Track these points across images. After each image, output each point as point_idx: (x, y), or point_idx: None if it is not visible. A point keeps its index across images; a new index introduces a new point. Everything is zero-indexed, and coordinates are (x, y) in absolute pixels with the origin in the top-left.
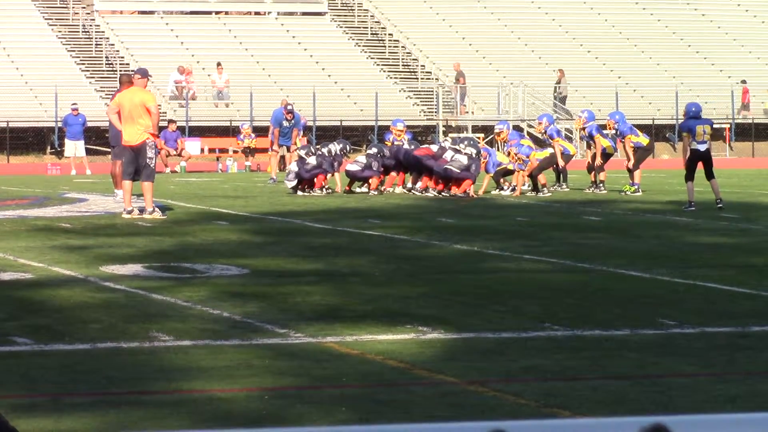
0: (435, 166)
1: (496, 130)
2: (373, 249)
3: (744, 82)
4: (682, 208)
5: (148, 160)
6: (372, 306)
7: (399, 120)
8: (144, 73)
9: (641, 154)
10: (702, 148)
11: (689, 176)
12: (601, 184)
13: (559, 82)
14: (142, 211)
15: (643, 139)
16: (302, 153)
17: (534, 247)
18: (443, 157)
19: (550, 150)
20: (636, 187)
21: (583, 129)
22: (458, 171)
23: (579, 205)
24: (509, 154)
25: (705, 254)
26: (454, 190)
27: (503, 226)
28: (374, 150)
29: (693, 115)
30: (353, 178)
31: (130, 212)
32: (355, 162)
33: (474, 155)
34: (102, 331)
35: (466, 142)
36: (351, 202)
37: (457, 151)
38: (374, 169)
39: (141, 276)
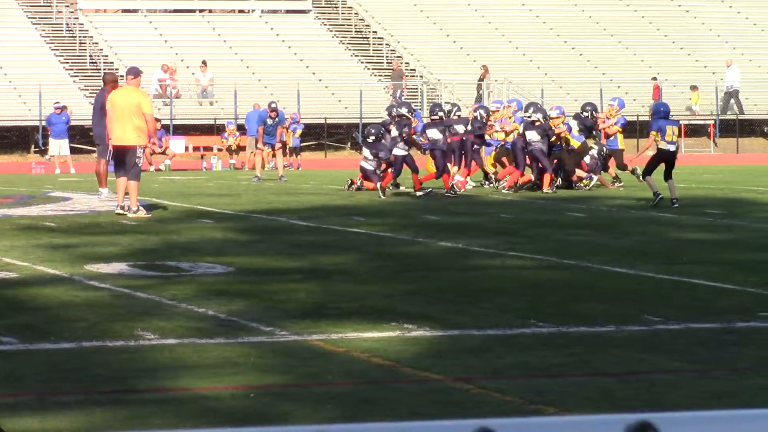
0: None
1: (494, 109)
2: (358, 246)
3: (654, 78)
4: (650, 203)
5: (136, 159)
6: (357, 304)
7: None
8: (136, 72)
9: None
10: (672, 148)
11: (648, 172)
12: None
13: (482, 79)
14: (126, 210)
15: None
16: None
17: (519, 244)
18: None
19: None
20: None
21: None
22: (541, 152)
23: (563, 202)
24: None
25: (690, 250)
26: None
27: (488, 223)
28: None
29: (663, 115)
30: (366, 177)
31: (123, 207)
32: (368, 160)
33: (542, 119)
34: (87, 330)
35: (532, 108)
36: (336, 199)
37: (530, 124)
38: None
39: (126, 274)
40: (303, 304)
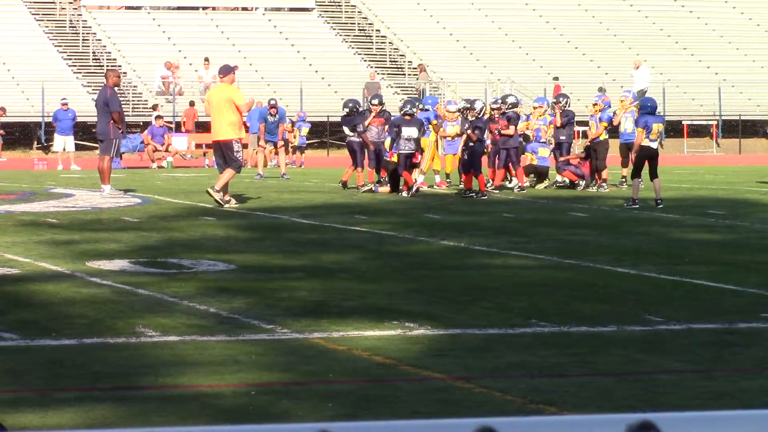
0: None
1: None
2: (359, 245)
3: (556, 79)
4: (624, 205)
5: (234, 153)
6: (359, 302)
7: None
8: (225, 71)
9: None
10: (654, 145)
11: (636, 173)
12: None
13: (419, 76)
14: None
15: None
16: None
17: (521, 243)
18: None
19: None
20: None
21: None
22: (516, 150)
23: (565, 201)
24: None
25: (692, 250)
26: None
27: (490, 222)
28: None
29: (650, 111)
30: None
31: (227, 202)
32: (350, 136)
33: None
34: (88, 327)
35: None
36: (338, 197)
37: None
38: None
39: (127, 271)
40: (304, 302)
